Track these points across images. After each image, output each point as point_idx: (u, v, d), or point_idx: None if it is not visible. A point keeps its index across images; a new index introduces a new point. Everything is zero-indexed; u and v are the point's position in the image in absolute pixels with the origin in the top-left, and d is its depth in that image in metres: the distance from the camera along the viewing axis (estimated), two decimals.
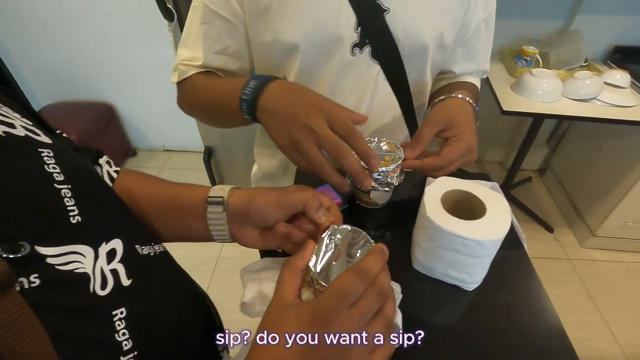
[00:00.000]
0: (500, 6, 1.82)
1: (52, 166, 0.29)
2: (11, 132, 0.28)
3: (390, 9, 0.57)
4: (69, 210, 0.29)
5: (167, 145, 2.53)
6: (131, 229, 0.36)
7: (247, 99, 0.49)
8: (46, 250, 0.25)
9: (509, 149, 2.30)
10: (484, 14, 0.66)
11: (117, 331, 0.28)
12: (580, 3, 1.67)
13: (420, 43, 0.61)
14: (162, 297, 0.35)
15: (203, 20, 0.60)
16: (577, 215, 1.97)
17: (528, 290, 0.48)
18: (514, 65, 1.66)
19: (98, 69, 2.12)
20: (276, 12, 0.56)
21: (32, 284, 0.23)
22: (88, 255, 0.28)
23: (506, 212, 0.43)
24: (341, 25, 0.57)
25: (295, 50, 0.59)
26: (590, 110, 1.46)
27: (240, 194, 0.42)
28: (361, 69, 0.62)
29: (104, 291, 0.28)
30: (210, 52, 0.62)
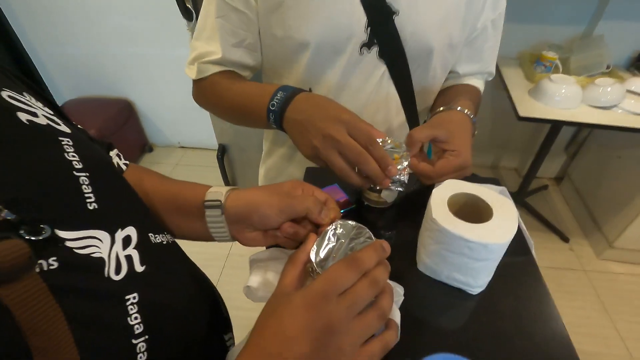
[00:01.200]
0: (521, 10, 1.81)
1: (71, 154, 0.30)
2: (34, 121, 0.30)
3: (399, 12, 0.58)
4: (86, 197, 0.30)
5: (182, 142, 2.58)
6: (144, 218, 0.37)
7: (275, 110, 0.53)
8: (65, 234, 0.26)
9: (526, 155, 2.25)
10: (492, 14, 0.66)
11: (130, 315, 0.28)
12: (603, 8, 1.63)
13: (427, 45, 0.61)
14: (173, 284, 0.36)
15: (218, 14, 0.60)
16: (595, 225, 1.92)
17: (534, 297, 0.47)
18: (533, 70, 1.63)
19: (119, 66, 2.18)
20: (289, 8, 0.57)
21: (50, 267, 0.24)
22: (105, 240, 0.29)
23: (513, 216, 0.43)
24: (352, 25, 0.58)
25: (305, 47, 0.60)
26: (611, 118, 1.42)
27: (239, 198, 0.43)
28: (368, 68, 0.63)
29: (118, 276, 0.29)
30: (227, 45, 0.62)
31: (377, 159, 0.47)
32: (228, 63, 0.64)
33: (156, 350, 0.29)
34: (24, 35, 2.08)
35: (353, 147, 0.47)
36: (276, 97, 0.54)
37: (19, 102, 0.30)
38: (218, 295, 0.47)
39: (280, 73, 0.67)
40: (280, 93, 0.54)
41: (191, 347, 0.35)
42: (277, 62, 0.66)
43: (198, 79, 0.65)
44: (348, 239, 0.39)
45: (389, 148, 0.52)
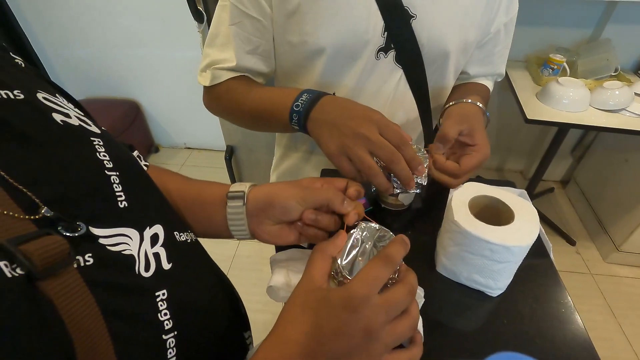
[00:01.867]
0: (528, 14, 1.81)
1: (102, 154, 0.31)
2: (68, 121, 0.31)
3: (417, 16, 0.58)
4: (117, 195, 0.30)
5: (188, 143, 2.59)
6: (169, 216, 0.38)
7: (299, 110, 0.53)
8: (99, 231, 0.27)
9: (531, 158, 2.25)
10: (505, 18, 0.66)
11: (160, 311, 0.29)
12: (611, 12, 1.63)
13: (444, 49, 0.62)
14: (197, 282, 0.36)
15: (233, 21, 0.60)
16: (601, 228, 1.91)
17: (553, 299, 0.48)
18: (540, 73, 1.64)
19: (127, 67, 2.19)
20: (305, 13, 0.57)
21: (87, 262, 0.25)
22: (134, 238, 0.30)
23: (534, 219, 0.43)
24: (369, 30, 0.58)
25: (321, 52, 0.60)
26: (618, 122, 1.42)
27: (261, 189, 0.44)
28: (384, 72, 0.63)
29: (148, 273, 0.30)
30: (241, 52, 0.62)
31: (408, 159, 0.47)
32: (242, 70, 0.64)
33: (184, 346, 0.30)
34: (34, 37, 2.10)
35: (386, 146, 0.46)
36: (301, 98, 0.54)
37: (53, 104, 0.31)
38: (236, 293, 0.47)
39: (295, 79, 0.67)
40: (306, 95, 0.54)
41: (215, 343, 0.36)
42: (292, 68, 0.66)
43: (211, 86, 0.65)
44: (372, 242, 0.39)
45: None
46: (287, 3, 0.57)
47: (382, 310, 0.30)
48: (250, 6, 0.59)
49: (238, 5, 0.59)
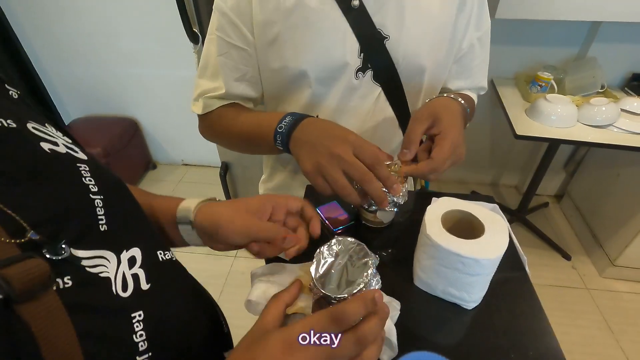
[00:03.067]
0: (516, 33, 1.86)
1: (88, 178, 0.33)
2: (55, 149, 0.32)
3: (390, 36, 0.61)
4: (99, 219, 0.32)
5: (185, 159, 2.61)
6: (152, 237, 0.39)
7: (282, 131, 0.57)
8: (81, 252, 0.28)
9: (525, 173, 2.27)
10: (477, 32, 0.69)
11: (135, 332, 0.30)
12: (596, 31, 1.68)
13: (419, 65, 0.65)
14: (176, 301, 0.37)
15: (220, 52, 0.63)
16: (596, 243, 1.91)
17: (529, 312, 0.48)
18: (529, 90, 1.67)
19: (125, 86, 2.24)
20: (285, 41, 0.60)
21: (66, 285, 0.26)
22: (112, 260, 0.31)
23: (504, 232, 0.45)
24: (346, 52, 0.61)
25: (303, 76, 0.63)
26: (606, 137, 1.45)
27: (206, 214, 0.45)
28: (364, 91, 0.66)
29: (125, 293, 0.30)
30: (230, 80, 0.65)
31: (381, 179, 0.48)
32: (232, 97, 0.67)
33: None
34: (35, 56, 2.15)
35: (358, 166, 0.48)
36: (284, 120, 0.57)
37: (42, 133, 0.32)
38: (219, 311, 0.48)
39: (281, 102, 0.70)
40: (289, 117, 0.58)
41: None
42: (277, 92, 0.69)
43: (204, 114, 0.69)
44: (347, 255, 0.41)
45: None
46: (267, 32, 0.60)
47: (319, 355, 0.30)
48: (235, 37, 0.62)
49: (224, 37, 0.62)
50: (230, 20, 0.61)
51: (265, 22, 0.60)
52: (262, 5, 0.59)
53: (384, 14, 0.60)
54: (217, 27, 0.62)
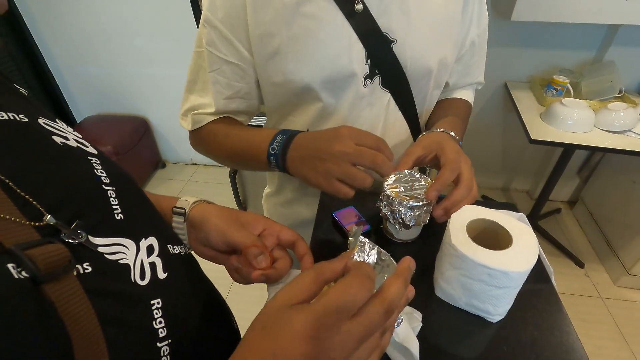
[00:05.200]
0: (531, 35, 1.84)
1: (99, 171, 0.33)
2: (67, 143, 0.33)
3: (397, 40, 0.59)
4: (114, 209, 0.32)
5: (194, 159, 2.62)
6: (162, 229, 0.39)
7: (275, 152, 0.55)
8: (98, 240, 0.29)
9: (537, 178, 2.24)
10: (478, 30, 0.68)
11: (155, 319, 0.30)
12: (613, 34, 1.65)
13: (426, 67, 0.63)
14: (191, 293, 0.37)
15: (211, 68, 0.60)
16: (611, 251, 1.87)
17: (556, 327, 0.46)
18: (544, 94, 1.64)
19: (137, 85, 2.25)
20: (286, 53, 0.57)
21: (85, 270, 0.26)
22: (131, 248, 0.31)
23: (533, 243, 0.43)
24: (353, 60, 0.59)
25: (308, 88, 0.60)
26: (624, 143, 1.42)
27: (199, 209, 0.45)
28: (373, 98, 0.64)
29: (143, 281, 0.31)
30: (220, 98, 0.63)
31: (389, 157, 0.50)
32: (223, 113, 0.65)
33: (177, 354, 0.31)
34: (49, 54, 2.17)
35: (365, 152, 0.48)
36: (276, 140, 0.55)
37: (53, 128, 0.33)
38: (228, 308, 0.48)
39: (287, 115, 0.68)
40: (280, 136, 0.56)
41: (207, 354, 0.36)
42: (282, 105, 0.66)
43: (194, 130, 0.66)
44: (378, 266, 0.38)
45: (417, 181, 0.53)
46: (267, 46, 0.57)
47: (353, 338, 0.26)
48: (227, 52, 0.59)
49: (215, 52, 0.59)
50: (221, 34, 0.58)
51: (263, 34, 0.56)
52: (258, 17, 0.55)
53: (389, 16, 0.58)
54: (208, 41, 0.59)
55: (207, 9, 0.58)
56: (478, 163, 2.21)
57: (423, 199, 0.50)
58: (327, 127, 0.64)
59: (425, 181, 0.54)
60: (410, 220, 0.51)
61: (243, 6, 0.56)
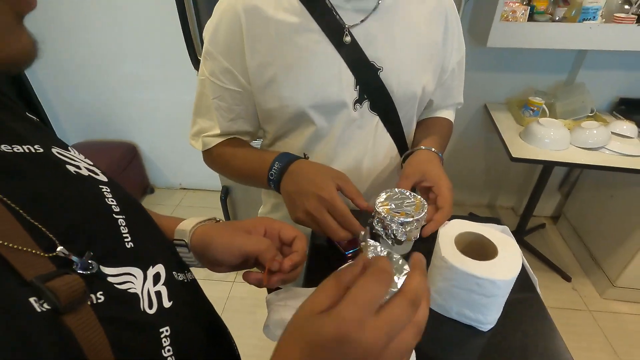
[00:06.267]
0: (507, 60, 1.94)
1: (110, 199, 0.34)
2: (79, 172, 0.34)
3: (383, 68, 0.64)
4: (124, 237, 0.33)
5: (183, 183, 2.61)
6: (169, 255, 0.40)
7: (273, 179, 0.62)
8: (108, 270, 0.30)
9: (521, 194, 2.31)
10: (458, 57, 0.75)
11: (164, 347, 0.31)
12: (582, 59, 1.76)
13: (412, 92, 0.68)
14: (195, 320, 0.38)
15: (214, 95, 0.65)
16: (595, 264, 1.92)
17: (542, 333, 0.49)
18: (521, 114, 1.73)
19: (126, 110, 2.26)
20: (282, 81, 0.62)
21: (98, 300, 0.27)
22: (139, 277, 0.32)
23: (517, 253, 0.46)
24: (342, 87, 0.64)
25: (303, 113, 0.65)
26: (599, 159, 1.49)
27: (200, 235, 0.46)
28: (363, 121, 0.68)
29: (151, 310, 0.32)
30: (224, 121, 0.68)
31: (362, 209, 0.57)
32: (228, 135, 0.70)
33: None
34: (36, 79, 2.17)
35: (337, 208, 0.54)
36: (274, 167, 0.61)
37: (66, 157, 0.35)
38: (230, 335, 0.48)
39: (282, 137, 0.72)
40: (277, 164, 0.61)
41: None
42: (278, 128, 0.71)
43: (205, 150, 0.72)
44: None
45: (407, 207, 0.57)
46: (263, 75, 0.62)
47: (380, 333, 0.26)
48: (228, 81, 0.64)
49: (216, 81, 0.64)
50: (221, 65, 0.62)
51: (259, 64, 0.61)
52: (255, 48, 0.60)
53: (376, 46, 0.63)
54: (209, 72, 0.64)
55: (208, 42, 0.62)
56: (464, 181, 2.27)
57: (413, 214, 0.53)
58: (320, 148, 0.69)
59: (415, 198, 0.57)
60: (401, 236, 0.54)
61: (241, 39, 0.60)
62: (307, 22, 0.60)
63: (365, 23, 0.62)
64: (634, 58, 1.69)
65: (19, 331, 0.22)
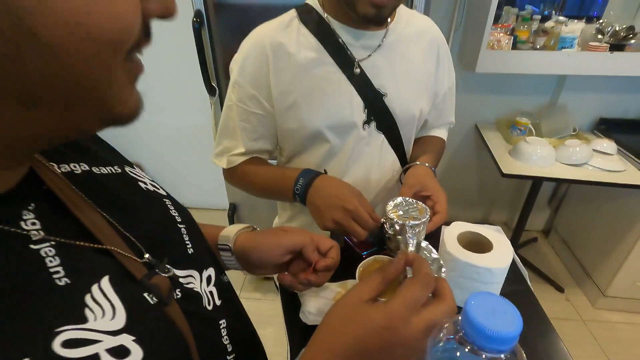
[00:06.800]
0: (495, 84, 2.09)
1: (173, 211, 0.40)
2: (148, 188, 0.40)
3: (387, 94, 0.76)
4: (187, 244, 0.39)
5: (188, 202, 2.66)
6: (216, 260, 0.46)
7: (299, 193, 0.70)
8: (178, 272, 0.35)
9: (513, 209, 2.41)
10: (448, 83, 0.87)
11: (223, 336, 0.37)
12: (563, 82, 1.91)
13: (411, 114, 0.80)
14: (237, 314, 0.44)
15: (240, 118, 0.75)
16: (586, 275, 2.01)
17: (534, 317, 0.57)
18: (510, 134, 1.86)
19: (136, 132, 2.34)
20: (301, 105, 0.72)
21: (177, 296, 0.33)
22: (197, 278, 0.38)
23: (508, 247, 0.55)
24: (353, 110, 0.75)
25: (319, 132, 0.75)
26: (583, 174, 1.60)
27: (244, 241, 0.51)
28: (370, 139, 0.79)
29: (210, 306, 0.38)
30: (248, 140, 0.78)
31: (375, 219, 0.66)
32: (251, 153, 0.80)
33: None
34: None
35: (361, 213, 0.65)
36: (299, 182, 0.70)
37: (136, 175, 0.40)
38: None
39: (300, 154, 0.82)
40: (302, 180, 0.70)
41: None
42: (295, 147, 0.81)
43: (229, 168, 0.80)
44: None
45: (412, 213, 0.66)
46: (285, 100, 0.73)
47: (421, 330, 0.32)
48: (253, 106, 0.74)
49: (243, 106, 0.75)
50: (248, 92, 0.73)
51: (282, 92, 0.72)
52: (279, 78, 0.71)
53: (381, 77, 0.75)
54: (237, 98, 0.74)
55: (237, 73, 0.73)
56: (458, 198, 2.38)
57: (419, 218, 0.62)
58: (334, 163, 0.79)
59: (417, 204, 0.66)
60: (412, 237, 0.63)
61: (267, 70, 0.71)
62: (323, 56, 0.71)
63: (372, 57, 0.73)
64: (611, 81, 1.84)
65: (160, 319, 0.29)
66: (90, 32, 0.21)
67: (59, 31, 0.20)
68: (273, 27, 0.71)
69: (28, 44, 0.19)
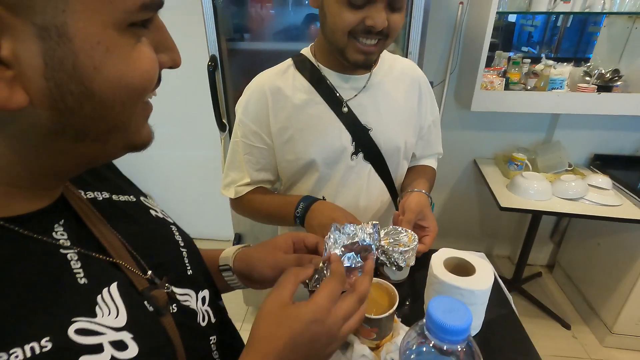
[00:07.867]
0: (491, 121, 2.18)
1: (177, 236, 0.46)
2: (158, 215, 0.46)
3: (372, 128, 0.84)
4: (186, 266, 0.44)
5: (194, 233, 2.70)
6: (212, 283, 0.51)
7: (299, 216, 0.77)
8: (177, 290, 0.40)
9: (516, 244, 2.41)
10: (431, 117, 0.95)
11: (213, 350, 0.42)
12: (557, 120, 2.00)
13: (396, 147, 0.87)
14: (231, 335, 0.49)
15: (245, 152, 0.85)
16: (592, 311, 1.97)
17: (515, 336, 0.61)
18: (507, 168, 1.92)
19: (145, 165, 2.44)
20: (296, 139, 0.82)
21: (173, 310, 0.38)
22: (193, 297, 0.43)
23: (490, 271, 0.60)
24: (342, 143, 0.83)
25: (312, 162, 0.84)
26: (580, 208, 1.64)
27: (242, 260, 0.55)
28: (358, 168, 0.87)
29: (203, 323, 0.43)
30: (253, 171, 0.87)
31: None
32: (256, 183, 0.88)
33: None
34: None
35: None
36: (299, 207, 0.77)
37: (148, 204, 0.46)
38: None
39: (296, 182, 0.91)
40: (302, 204, 0.77)
41: None
42: (292, 176, 0.90)
43: (236, 198, 0.89)
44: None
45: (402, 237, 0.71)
46: (283, 135, 0.82)
47: (340, 318, 0.40)
48: (256, 140, 0.84)
49: (246, 141, 0.85)
50: (251, 129, 0.83)
51: (280, 128, 0.82)
52: (277, 116, 0.81)
53: (366, 114, 0.83)
54: (242, 134, 0.84)
55: (241, 113, 0.84)
56: (460, 232, 2.40)
57: (409, 245, 0.68)
58: (326, 190, 0.88)
59: (406, 232, 0.71)
60: (402, 262, 0.68)
61: (267, 110, 0.81)
62: (315, 97, 0.81)
63: (358, 97, 0.83)
64: (603, 120, 1.92)
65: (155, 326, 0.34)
66: (128, 86, 0.28)
67: (110, 90, 0.27)
68: (272, 74, 0.83)
69: (88, 100, 0.27)
